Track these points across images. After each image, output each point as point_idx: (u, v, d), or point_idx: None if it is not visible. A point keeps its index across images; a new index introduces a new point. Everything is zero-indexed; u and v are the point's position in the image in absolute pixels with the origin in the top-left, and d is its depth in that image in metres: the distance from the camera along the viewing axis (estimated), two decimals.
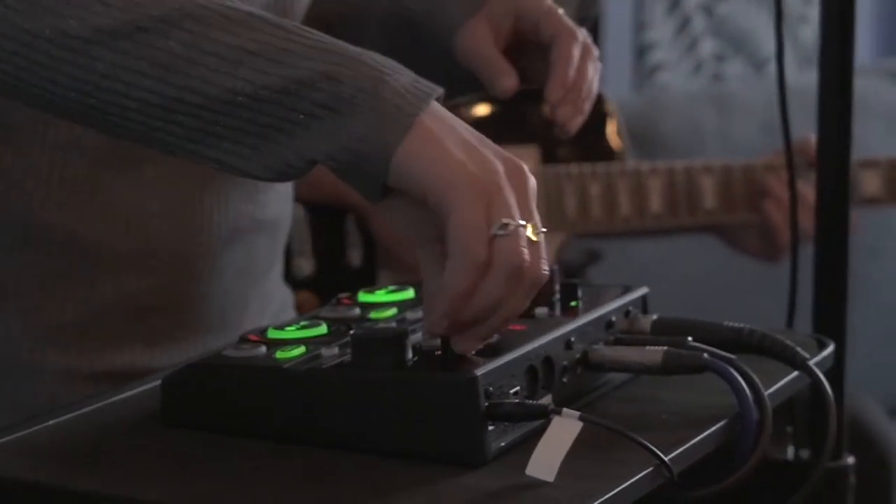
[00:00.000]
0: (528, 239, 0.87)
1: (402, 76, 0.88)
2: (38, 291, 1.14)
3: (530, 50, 1.22)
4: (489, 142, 0.90)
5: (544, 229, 0.89)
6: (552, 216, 1.98)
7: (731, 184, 2.05)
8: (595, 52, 1.21)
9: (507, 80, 1.20)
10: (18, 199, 1.12)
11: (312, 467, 0.87)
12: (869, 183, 2.08)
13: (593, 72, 1.20)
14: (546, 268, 0.88)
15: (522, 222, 0.86)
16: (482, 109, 2.05)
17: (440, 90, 0.90)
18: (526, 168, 0.90)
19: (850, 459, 1.24)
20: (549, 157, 2.03)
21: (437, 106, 0.89)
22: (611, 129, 2.08)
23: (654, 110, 2.83)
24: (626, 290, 1.07)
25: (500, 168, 0.87)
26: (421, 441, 0.87)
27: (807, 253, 1.26)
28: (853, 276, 1.22)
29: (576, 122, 1.20)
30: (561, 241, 2.02)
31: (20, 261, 1.14)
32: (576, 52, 1.18)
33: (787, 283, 1.28)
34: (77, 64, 0.88)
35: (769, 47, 3.11)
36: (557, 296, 1.02)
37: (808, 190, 1.36)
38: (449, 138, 0.87)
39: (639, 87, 3.18)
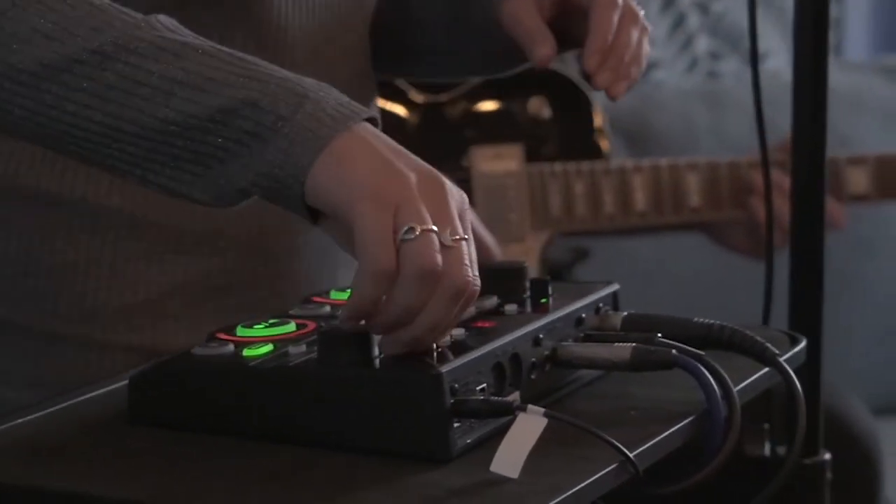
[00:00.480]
0: (444, 245, 0.87)
1: (325, 100, 0.90)
2: (108, 272, 1.16)
3: (577, 19, 1.20)
4: (409, 155, 0.90)
5: (466, 236, 0.89)
6: (536, 215, 1.99)
7: (717, 181, 2.05)
8: (640, 15, 1.19)
9: (543, 49, 1.18)
10: (86, 183, 1.14)
11: (278, 464, 0.87)
12: (856, 180, 2.08)
13: (637, 36, 1.18)
14: (469, 273, 0.88)
15: (434, 227, 0.86)
16: (468, 107, 2.06)
17: (367, 113, 0.92)
18: (443, 178, 0.90)
19: (827, 455, 1.24)
20: (533, 155, 2.03)
21: (361, 126, 0.90)
22: (598, 128, 2.08)
23: (648, 108, 2.82)
24: (598, 286, 1.07)
25: (413, 178, 0.88)
26: (387, 437, 0.87)
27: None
28: (847, 274, 1.23)
29: (619, 88, 1.17)
30: (545, 239, 2.02)
31: (89, 243, 1.15)
32: (615, 17, 1.16)
33: (777, 280, 1.28)
34: (28, 96, 0.93)
35: (764, 44, 3.11)
36: (528, 293, 1.02)
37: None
38: (362, 156, 0.89)
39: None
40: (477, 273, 0.88)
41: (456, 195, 0.90)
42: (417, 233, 0.86)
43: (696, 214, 2.07)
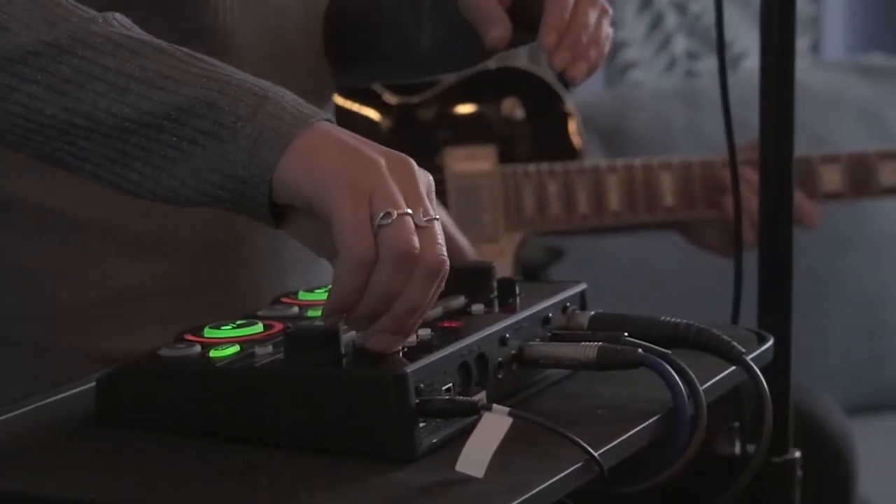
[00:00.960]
0: (418, 226, 0.87)
1: (284, 100, 0.91)
2: (55, 273, 1.16)
3: (536, 4, 1.19)
4: (373, 143, 0.91)
5: (436, 216, 0.89)
6: (510, 215, 1.99)
7: (690, 180, 2.05)
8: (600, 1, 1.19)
9: (497, 30, 1.17)
10: (30, 184, 1.14)
11: (245, 464, 0.87)
12: (830, 178, 2.08)
13: (595, 17, 1.18)
14: (443, 252, 0.88)
15: (409, 210, 0.87)
16: (441, 108, 2.06)
17: (325, 114, 0.92)
18: (411, 160, 0.90)
19: (797, 454, 1.24)
20: (506, 156, 2.03)
21: (322, 125, 0.91)
22: (571, 128, 2.08)
23: (625, 107, 2.82)
24: (566, 286, 1.07)
25: (382, 162, 0.88)
26: (353, 437, 0.87)
27: None
28: (822, 272, 1.23)
29: (579, 69, 1.17)
30: (519, 239, 2.02)
31: (36, 243, 1.16)
32: None
33: (751, 279, 1.28)
34: None
35: (742, 44, 3.12)
36: (495, 293, 1.03)
37: None
38: (329, 149, 0.89)
39: (611, 85, 3.18)
40: (446, 252, 0.89)
41: (422, 176, 0.91)
42: (394, 217, 0.86)
43: (670, 214, 2.07)
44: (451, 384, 0.89)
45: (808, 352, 1.21)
